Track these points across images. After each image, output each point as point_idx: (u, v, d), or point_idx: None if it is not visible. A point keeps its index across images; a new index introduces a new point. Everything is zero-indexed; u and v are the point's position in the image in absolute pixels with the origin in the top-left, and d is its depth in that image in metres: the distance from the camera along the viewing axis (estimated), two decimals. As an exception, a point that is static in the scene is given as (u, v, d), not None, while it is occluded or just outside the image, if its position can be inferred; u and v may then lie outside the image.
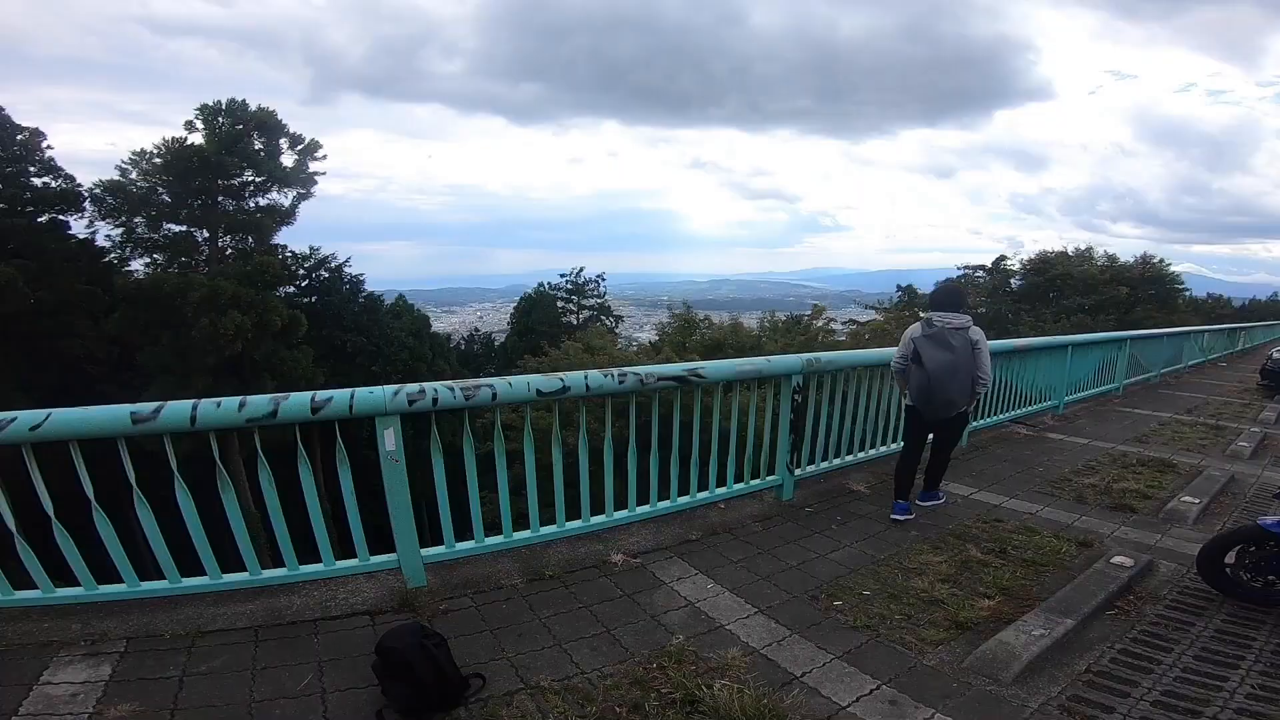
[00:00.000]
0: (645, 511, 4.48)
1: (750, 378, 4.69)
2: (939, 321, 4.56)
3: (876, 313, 25.92)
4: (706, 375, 4.33)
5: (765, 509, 4.90)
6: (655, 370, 4.13)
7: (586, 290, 35.89)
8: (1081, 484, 5.69)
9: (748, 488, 4.96)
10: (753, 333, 16.56)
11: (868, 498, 5.23)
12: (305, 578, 3.56)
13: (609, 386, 3.93)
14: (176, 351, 18.94)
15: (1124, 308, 22.03)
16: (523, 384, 3.67)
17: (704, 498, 4.73)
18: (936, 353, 4.46)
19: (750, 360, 4.72)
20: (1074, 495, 5.43)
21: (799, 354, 4.99)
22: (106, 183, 21.38)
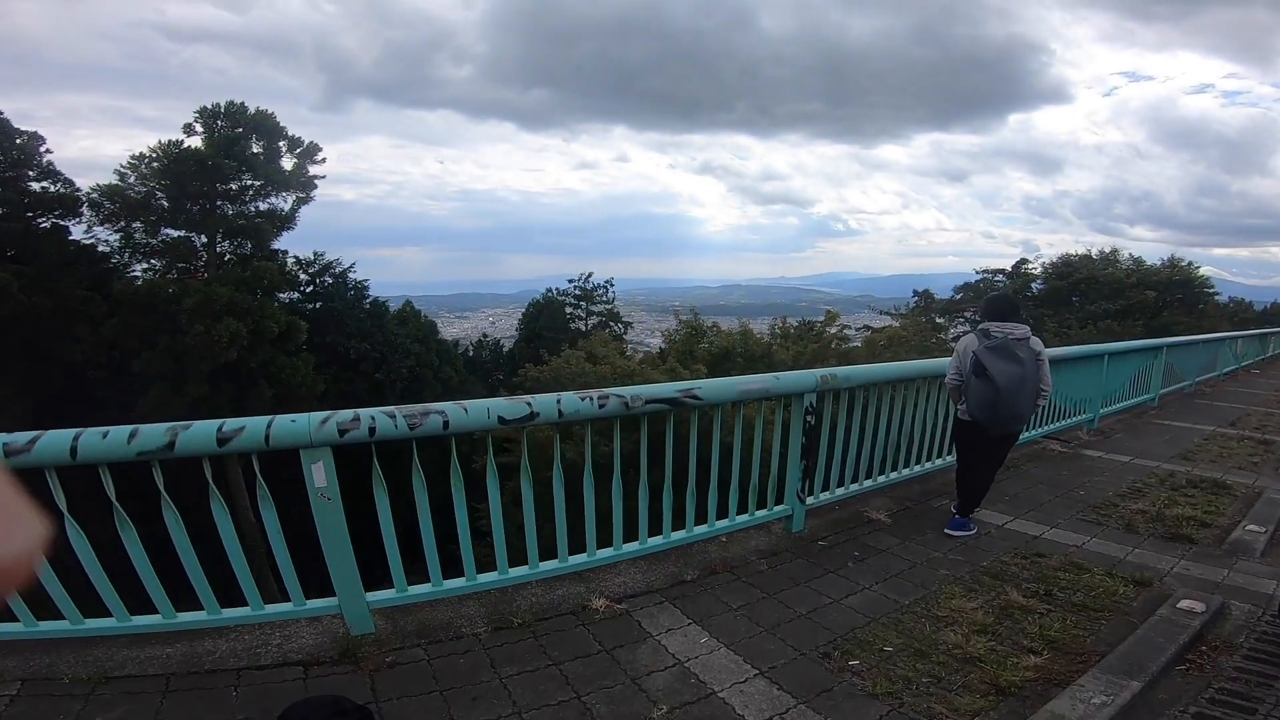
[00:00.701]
0: (633, 550, 3.90)
1: (755, 398, 4.10)
2: (999, 332, 4.28)
3: (892, 319, 25.18)
4: (703, 397, 3.74)
5: (772, 542, 4.32)
6: (642, 392, 3.56)
7: (595, 296, 35.40)
8: (1129, 510, 5.06)
9: (752, 520, 4.37)
10: (763, 340, 15.87)
11: (888, 528, 4.63)
12: (228, 623, 3.10)
13: (587, 411, 3.35)
14: (173, 358, 18.69)
15: (1151, 312, 21.14)
16: (481, 410, 3.09)
17: (702, 532, 4.14)
18: (1004, 365, 4.18)
19: (756, 378, 4.14)
20: (1123, 523, 4.80)
21: (812, 369, 4.41)
22: (104, 187, 21.16)
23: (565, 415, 3.31)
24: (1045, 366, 4.40)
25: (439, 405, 3.03)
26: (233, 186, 21.55)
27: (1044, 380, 4.38)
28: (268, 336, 19.54)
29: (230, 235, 21.78)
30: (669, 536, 4.01)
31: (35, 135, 21.09)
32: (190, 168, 20.25)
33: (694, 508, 4.07)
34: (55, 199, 20.72)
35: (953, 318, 26.89)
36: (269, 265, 20.97)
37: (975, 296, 26.08)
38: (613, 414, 3.46)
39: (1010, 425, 4.42)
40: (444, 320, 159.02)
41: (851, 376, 4.55)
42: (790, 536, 4.44)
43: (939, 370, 5.30)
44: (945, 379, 4.74)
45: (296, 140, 23.30)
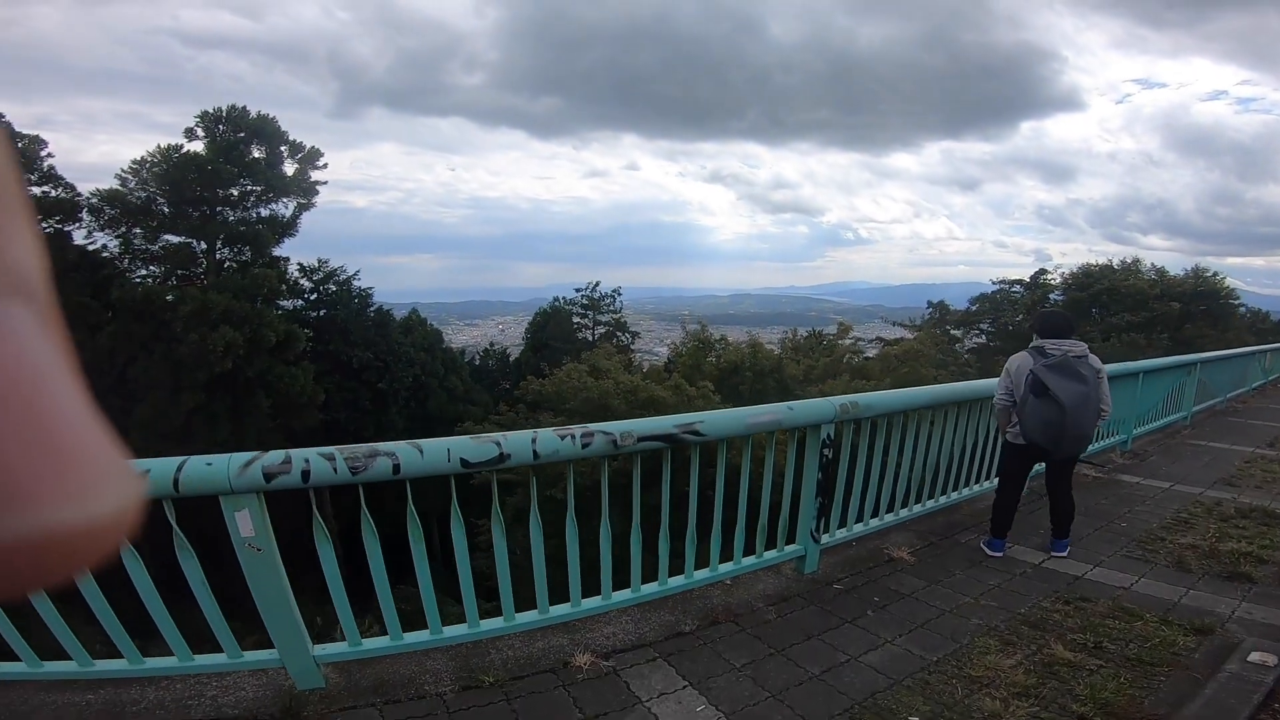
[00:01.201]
0: (625, 599, 3.44)
1: (766, 430, 3.64)
2: (1055, 349, 4.07)
3: (906, 330, 24.50)
4: (706, 432, 3.28)
5: (782, 586, 3.87)
6: (634, 428, 3.10)
7: (602, 305, 34.93)
8: (1178, 544, 4.56)
9: (761, 562, 3.90)
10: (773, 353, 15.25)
11: (912, 568, 4.15)
12: (152, 673, 2.76)
13: (567, 452, 2.90)
14: (169, 366, 18.39)
15: (1175, 325, 20.36)
16: (440, 452, 2.63)
17: (703, 578, 3.69)
18: (1069, 384, 3.97)
19: (766, 409, 3.69)
20: (1173, 560, 4.31)
21: (830, 397, 3.96)
22: (104, 192, 20.87)
23: (542, 457, 2.86)
24: (1105, 384, 4.18)
25: (389, 446, 2.59)
26: (234, 192, 21.25)
27: (1104, 399, 4.15)
28: (265, 345, 19.19)
29: (230, 241, 21.47)
30: (665, 583, 3.56)
31: (37, 139, 20.93)
32: (190, 173, 19.98)
33: (694, 553, 3.62)
34: (55, 204, 20.50)
35: (968, 330, 26.19)
36: (268, 272, 20.62)
37: (992, 308, 25.42)
38: (598, 454, 3.02)
39: (1075, 447, 4.17)
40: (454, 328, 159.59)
41: (874, 404, 4.09)
42: (803, 579, 3.99)
43: (972, 393, 4.88)
44: (994, 400, 4.42)
45: (298, 145, 22.95)
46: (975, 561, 4.24)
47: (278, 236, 22.50)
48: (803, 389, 13.62)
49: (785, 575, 4.01)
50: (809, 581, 3.96)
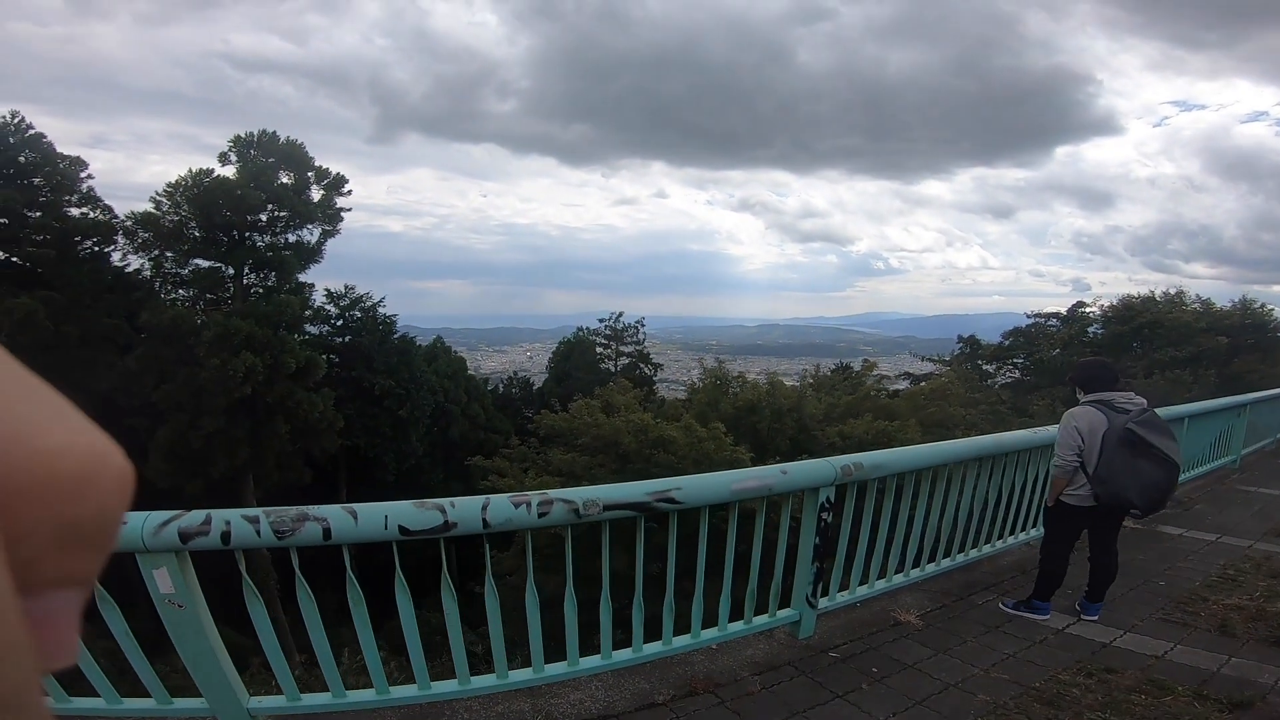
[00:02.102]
0: (594, 665, 3.15)
1: (753, 497, 3.35)
2: (1129, 404, 3.82)
3: (935, 365, 23.71)
4: (683, 500, 2.99)
5: (772, 652, 3.53)
6: (599, 495, 2.83)
7: (625, 336, 34.84)
8: (1222, 605, 4.09)
9: (749, 628, 3.57)
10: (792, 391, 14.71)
11: (919, 633, 3.76)
12: (76, 713, 2.63)
13: (522, 520, 2.66)
14: (190, 390, 18.60)
15: (1223, 360, 19.30)
16: (377, 518, 2.42)
17: (684, 645, 3.37)
18: (1169, 441, 3.73)
19: (753, 473, 3.40)
20: (1215, 623, 3.85)
21: (830, 458, 3.64)
22: (139, 215, 21.16)
23: (492, 526, 2.61)
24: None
25: (321, 510, 2.36)
26: (261, 218, 21.47)
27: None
28: (285, 371, 19.33)
29: (257, 267, 21.70)
30: (640, 650, 3.24)
31: (77, 160, 21.38)
32: (220, 197, 20.31)
33: (672, 617, 3.32)
34: (89, 225, 20.85)
35: (1001, 365, 25.26)
36: (290, 299, 20.75)
37: (1026, 343, 24.51)
38: (558, 523, 2.76)
39: (1161, 505, 3.89)
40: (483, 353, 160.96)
41: (883, 464, 3.75)
42: (796, 645, 3.63)
43: (997, 448, 4.53)
44: (1055, 461, 3.99)
45: (324, 171, 23.15)
46: (991, 626, 3.84)
47: (303, 263, 22.70)
48: (822, 429, 13.19)
49: (778, 640, 3.66)
50: (803, 648, 3.60)
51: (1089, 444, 3.78)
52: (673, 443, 11.03)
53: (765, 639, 3.66)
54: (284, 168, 22.44)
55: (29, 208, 20.64)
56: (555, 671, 3.07)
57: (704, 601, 3.37)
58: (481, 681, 2.93)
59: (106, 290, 21.19)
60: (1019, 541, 5.22)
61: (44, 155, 21.20)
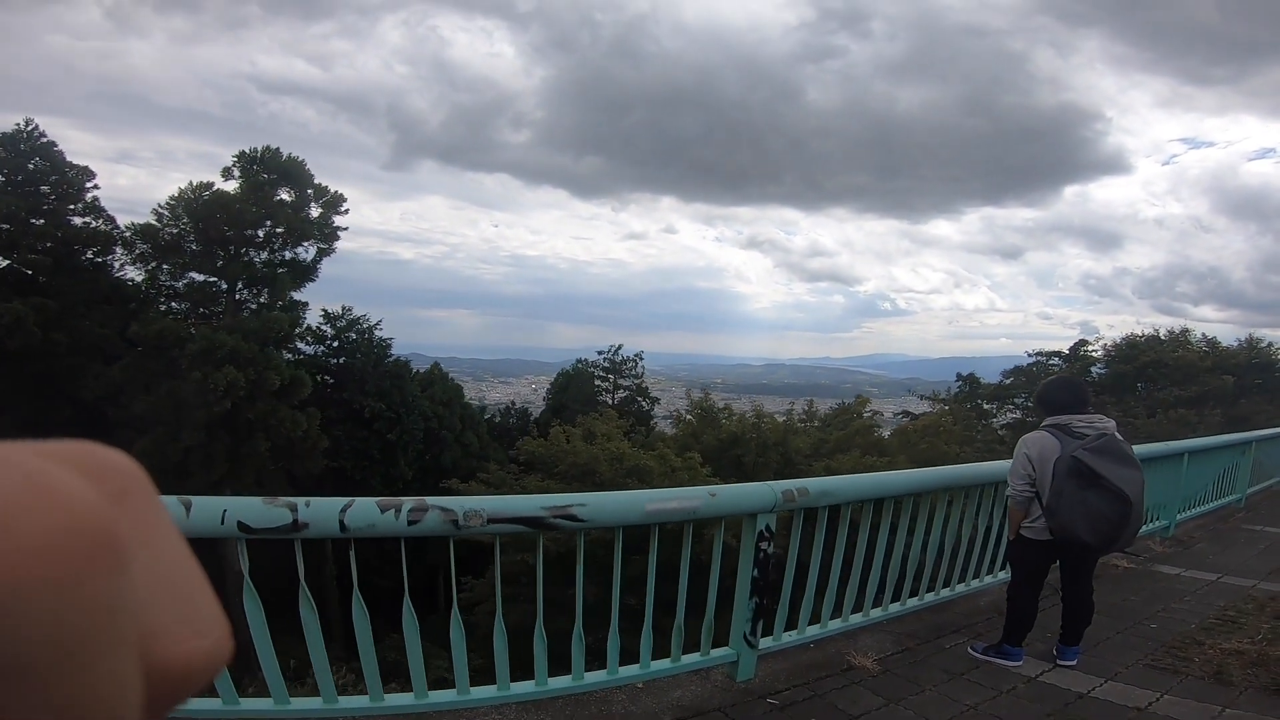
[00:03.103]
0: (488, 696, 2.77)
1: (675, 520, 2.99)
2: (1087, 428, 3.35)
3: (932, 403, 23.26)
4: (586, 517, 2.66)
5: (703, 696, 3.11)
6: (485, 507, 2.51)
7: (624, 369, 34.51)
8: (1219, 650, 3.63)
9: (677, 667, 3.17)
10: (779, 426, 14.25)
11: (873, 681, 3.33)
12: None
13: (387, 526, 2.37)
14: (172, 404, 18.29)
15: (1229, 400, 18.78)
16: (212, 513, 2.14)
17: (597, 682, 2.98)
18: (1125, 470, 3.24)
19: (677, 493, 3.06)
20: (1210, 670, 3.39)
21: (771, 482, 3.27)
22: (138, 226, 21.09)
23: (351, 530, 2.30)
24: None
25: None
26: (259, 234, 21.35)
27: None
28: (269, 388, 18.99)
29: (251, 283, 21.51)
30: (544, 684, 2.86)
31: (85, 170, 21.43)
32: (218, 212, 20.24)
33: (581, 649, 2.93)
34: (91, 235, 20.82)
35: (1001, 405, 24.75)
36: (279, 315, 20.52)
37: (1027, 381, 24.03)
38: (431, 533, 2.44)
39: (1129, 543, 3.49)
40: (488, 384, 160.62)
41: (831, 491, 3.38)
42: (733, 688, 3.20)
43: (969, 478, 4.15)
44: (1009, 491, 3.62)
45: (323, 190, 23.03)
46: (956, 673, 3.40)
47: (298, 281, 22.51)
48: (808, 464, 12.76)
49: (713, 682, 3.23)
50: (740, 692, 3.18)
51: (1040, 472, 3.38)
52: (649, 472, 10.67)
53: (700, 680, 3.24)
54: (284, 184, 22.41)
55: (33, 215, 20.73)
56: (442, 699, 2.69)
57: (634, 636, 3.01)
58: (350, 703, 2.57)
59: (102, 300, 21.14)
60: (1000, 580, 4.78)
61: (53, 164, 21.44)
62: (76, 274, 20.49)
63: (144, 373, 18.94)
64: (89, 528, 0.22)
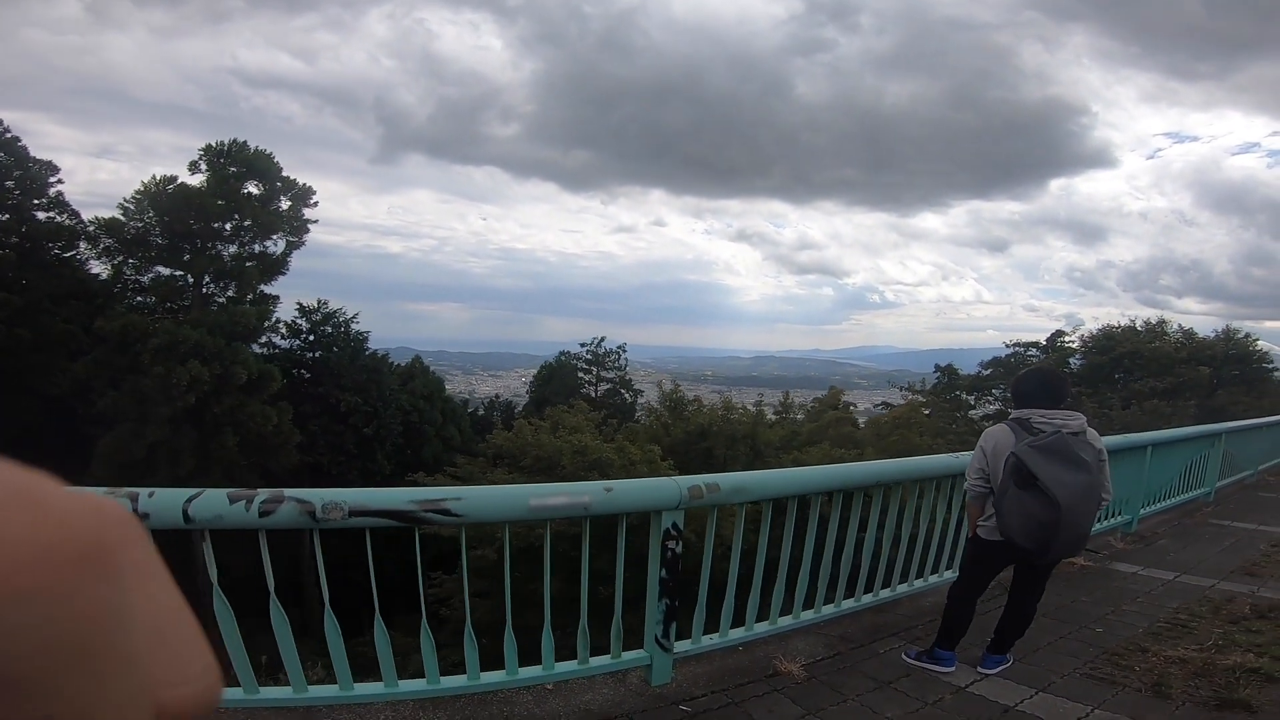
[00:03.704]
0: (374, 693, 2.60)
1: (563, 516, 2.78)
2: (1045, 424, 3.10)
3: (910, 395, 23.10)
4: (462, 512, 2.46)
5: (614, 701, 2.93)
6: (347, 500, 2.31)
7: (606, 362, 34.31)
8: (1163, 658, 3.46)
9: (584, 669, 2.99)
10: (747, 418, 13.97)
11: (796, 689, 3.14)
12: None
13: (236, 519, 2.19)
14: (136, 399, 17.93)
15: (1205, 391, 18.75)
16: None
17: (496, 682, 2.80)
18: (1066, 472, 2.96)
19: (565, 488, 2.85)
20: (1149, 680, 3.21)
21: (677, 478, 3.03)
22: (103, 221, 20.74)
23: (197, 522, 2.14)
24: (1107, 466, 3.21)
25: None
26: (226, 227, 21.01)
27: (1107, 487, 3.20)
28: (236, 383, 18.65)
29: (218, 277, 21.17)
30: (435, 682, 2.70)
31: (49, 165, 21.05)
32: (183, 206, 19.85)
33: (474, 645, 2.75)
34: (54, 230, 20.43)
35: (980, 395, 24.68)
36: (245, 309, 20.15)
37: (1005, 373, 23.95)
38: (287, 525, 2.25)
39: (1070, 550, 3.23)
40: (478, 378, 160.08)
41: (745, 487, 3.17)
42: (646, 693, 3.02)
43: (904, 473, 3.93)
44: (966, 484, 3.41)
45: (291, 182, 22.71)
46: (884, 681, 3.21)
47: (267, 274, 22.16)
48: (777, 456, 12.58)
49: (628, 686, 3.06)
50: (653, 697, 2.99)
51: (992, 467, 3.17)
52: (610, 464, 10.46)
53: (616, 683, 3.07)
54: (252, 178, 22.01)
55: (-4, 210, 20.30)
56: (323, 694, 2.54)
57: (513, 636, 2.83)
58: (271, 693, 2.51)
59: (68, 295, 20.73)
60: (946, 579, 4.59)
61: (18, 159, 20.95)
62: (41, 269, 20.12)
63: (109, 368, 18.63)
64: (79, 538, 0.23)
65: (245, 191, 21.68)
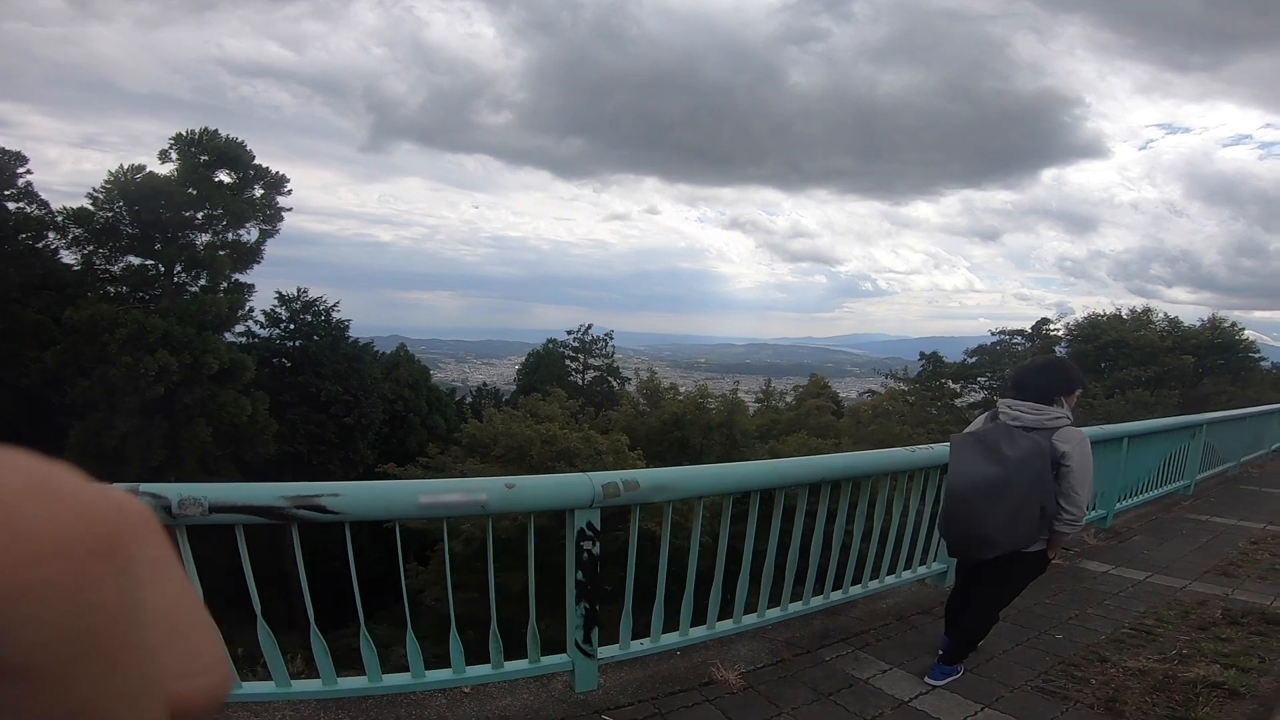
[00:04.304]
0: (265, 693, 2.43)
1: (457, 515, 2.57)
2: (1005, 412, 3.01)
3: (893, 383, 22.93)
4: (340, 509, 2.25)
5: (534, 707, 2.75)
6: (207, 494, 2.05)
7: (593, 349, 34.03)
8: (1122, 669, 3.24)
9: (498, 674, 2.78)
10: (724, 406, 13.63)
11: (729, 699, 2.92)
12: None
13: None
14: (105, 389, 17.66)
15: (1190, 380, 18.61)
16: None
17: (398, 684, 2.61)
18: (974, 463, 2.85)
19: (465, 484, 2.62)
20: (1104, 696, 2.98)
21: (592, 474, 2.78)
22: (72, 211, 20.46)
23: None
24: (1074, 477, 2.84)
25: None
26: (198, 216, 20.71)
27: (1066, 494, 2.84)
28: (206, 372, 18.38)
29: (191, 266, 20.89)
30: (335, 683, 2.52)
31: (18, 156, 20.65)
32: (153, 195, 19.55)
33: (367, 642, 2.56)
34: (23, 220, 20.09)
35: (966, 384, 24.53)
36: (216, 298, 19.90)
37: (991, 361, 23.85)
38: None
39: (972, 550, 2.97)
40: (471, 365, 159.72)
41: (668, 485, 2.93)
42: (570, 700, 2.83)
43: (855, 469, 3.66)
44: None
45: (263, 170, 22.43)
46: (824, 693, 2.99)
47: (241, 263, 21.87)
48: (753, 446, 12.36)
49: (552, 692, 2.87)
50: (575, 705, 2.80)
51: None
52: (576, 454, 10.24)
53: (539, 688, 2.88)
54: (223, 166, 21.67)
55: (-37, 201, 19.95)
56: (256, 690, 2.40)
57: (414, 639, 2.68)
58: None
59: (39, 286, 20.35)
60: (912, 578, 4.38)
61: (-16, 150, 20.48)
62: (11, 260, 19.73)
63: (79, 358, 18.31)
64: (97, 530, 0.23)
65: (217, 180, 21.33)
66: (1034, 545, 2.94)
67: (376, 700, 2.62)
